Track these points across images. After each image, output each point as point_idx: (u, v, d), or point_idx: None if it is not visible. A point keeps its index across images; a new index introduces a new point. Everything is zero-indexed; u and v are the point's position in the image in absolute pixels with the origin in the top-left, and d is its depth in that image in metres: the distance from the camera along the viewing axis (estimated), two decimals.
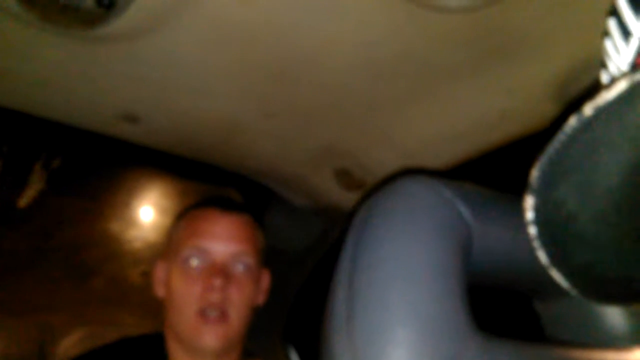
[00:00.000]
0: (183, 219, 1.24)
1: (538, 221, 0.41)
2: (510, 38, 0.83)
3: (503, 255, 0.64)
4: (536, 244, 0.42)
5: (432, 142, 1.10)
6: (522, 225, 0.64)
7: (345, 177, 1.26)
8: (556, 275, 0.43)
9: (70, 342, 2.21)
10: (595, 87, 0.37)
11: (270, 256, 1.31)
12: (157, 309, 1.25)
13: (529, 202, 0.40)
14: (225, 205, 1.24)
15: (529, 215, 0.40)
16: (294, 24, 0.80)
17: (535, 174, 0.39)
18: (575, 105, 0.36)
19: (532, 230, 0.41)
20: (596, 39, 0.80)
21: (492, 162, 1.15)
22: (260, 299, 1.25)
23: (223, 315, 1.12)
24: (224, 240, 1.17)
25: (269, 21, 0.79)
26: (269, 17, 0.78)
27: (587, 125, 0.36)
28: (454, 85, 0.95)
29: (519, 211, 0.65)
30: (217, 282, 1.11)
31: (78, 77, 0.92)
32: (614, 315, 0.75)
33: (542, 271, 0.68)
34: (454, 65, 0.90)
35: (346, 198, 1.31)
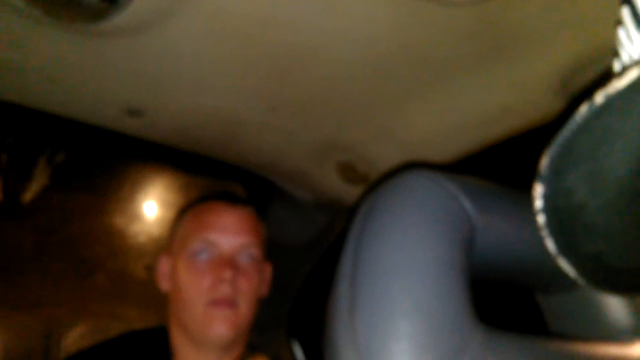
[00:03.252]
0: (188, 213, 1.25)
1: (547, 210, 0.40)
2: (513, 32, 0.82)
3: (506, 249, 0.64)
4: (545, 232, 0.42)
5: (435, 136, 1.10)
6: (525, 219, 0.64)
7: (348, 171, 1.26)
8: (565, 265, 0.43)
9: (75, 336, 2.21)
10: (606, 77, 0.37)
11: (273, 250, 1.31)
12: (161, 302, 1.25)
13: (538, 190, 0.40)
14: (230, 198, 1.25)
15: (538, 203, 0.40)
16: (295, 18, 0.80)
17: (545, 162, 0.38)
18: (579, 99, 0.36)
19: (541, 219, 0.41)
20: (599, 33, 0.80)
21: (495, 156, 1.15)
22: (264, 290, 1.26)
23: (233, 305, 1.13)
24: (231, 233, 1.18)
25: (271, 16, 0.79)
26: (270, 12, 0.78)
27: (598, 113, 0.35)
28: (456, 79, 0.94)
29: (522, 205, 0.65)
30: (227, 274, 1.12)
31: (82, 72, 0.93)
32: (617, 309, 0.75)
33: (545, 265, 0.68)
34: (456, 60, 0.89)
35: (349, 192, 1.32)
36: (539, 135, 1.00)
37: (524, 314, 1.07)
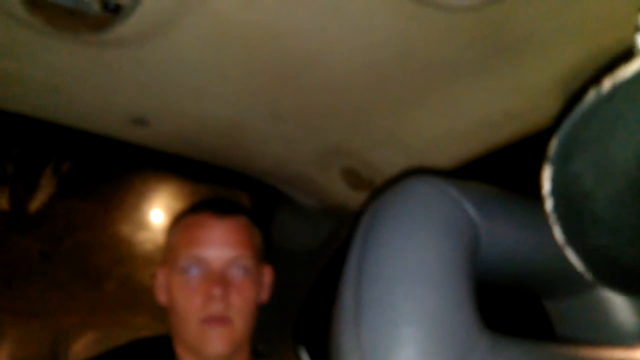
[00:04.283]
0: (178, 225, 1.24)
1: (555, 194, 0.40)
2: (515, 36, 0.82)
3: (511, 254, 0.64)
4: (552, 217, 0.41)
5: (439, 142, 1.10)
6: (530, 223, 0.64)
7: (352, 177, 1.26)
8: (571, 256, 0.43)
9: (82, 345, 2.21)
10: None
11: (279, 256, 1.31)
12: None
13: (547, 172, 0.39)
14: (219, 208, 1.23)
15: (546, 186, 0.40)
16: (298, 25, 0.80)
17: (553, 144, 0.38)
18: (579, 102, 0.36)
19: (549, 202, 0.41)
20: (601, 36, 0.80)
21: (499, 161, 1.14)
22: (264, 296, 1.25)
23: (226, 322, 1.13)
24: (220, 247, 1.16)
25: (273, 23, 0.79)
26: (272, 19, 0.78)
27: (605, 100, 0.36)
28: (458, 84, 0.95)
29: (527, 209, 0.65)
30: (217, 291, 1.11)
31: (86, 82, 0.93)
32: (624, 313, 0.75)
33: (551, 269, 0.67)
34: (458, 65, 0.90)
35: (354, 198, 1.31)
36: (542, 140, 0.99)
37: (531, 319, 1.06)
